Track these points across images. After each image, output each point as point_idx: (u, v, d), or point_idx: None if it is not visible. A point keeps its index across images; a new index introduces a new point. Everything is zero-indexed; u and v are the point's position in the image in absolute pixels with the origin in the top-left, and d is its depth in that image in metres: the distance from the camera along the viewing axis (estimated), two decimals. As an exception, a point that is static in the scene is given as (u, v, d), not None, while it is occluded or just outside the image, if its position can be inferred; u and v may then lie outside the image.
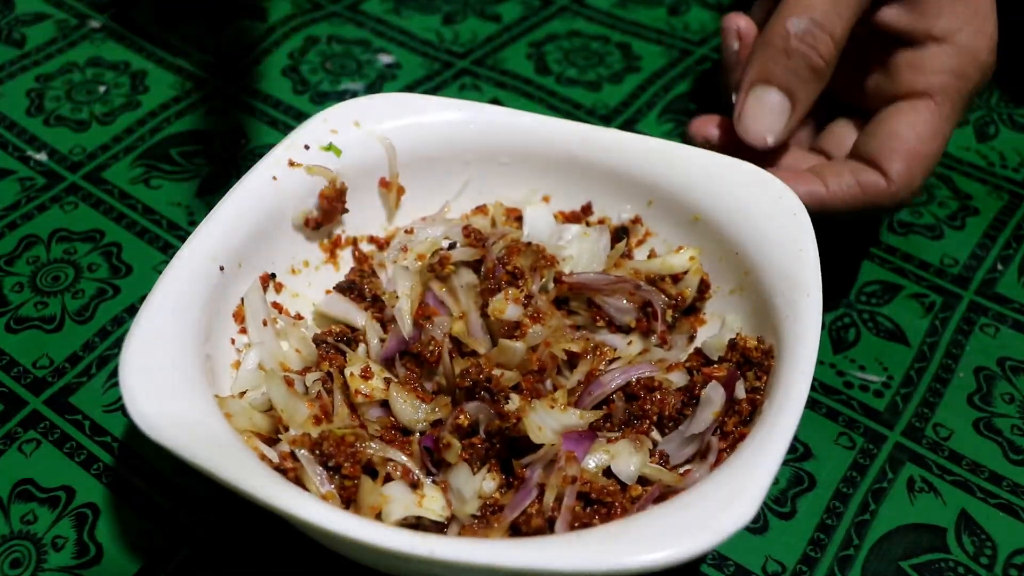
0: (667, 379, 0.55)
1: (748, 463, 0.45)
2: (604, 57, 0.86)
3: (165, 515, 0.55)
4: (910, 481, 0.57)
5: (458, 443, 0.51)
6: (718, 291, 0.60)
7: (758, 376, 0.53)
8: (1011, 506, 0.56)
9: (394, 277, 0.59)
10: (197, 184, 0.73)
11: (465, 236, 0.61)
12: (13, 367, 0.62)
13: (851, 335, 0.64)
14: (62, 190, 0.73)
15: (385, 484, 0.50)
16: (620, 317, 0.59)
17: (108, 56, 0.84)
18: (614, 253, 0.61)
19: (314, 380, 0.55)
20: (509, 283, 0.58)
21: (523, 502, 0.49)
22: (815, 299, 0.52)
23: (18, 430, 0.59)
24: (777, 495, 0.56)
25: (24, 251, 0.69)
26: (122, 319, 0.65)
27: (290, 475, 0.49)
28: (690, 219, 0.60)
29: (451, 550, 0.41)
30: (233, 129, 0.78)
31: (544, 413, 0.51)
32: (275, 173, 0.59)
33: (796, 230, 0.56)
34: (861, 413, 0.60)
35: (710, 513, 0.43)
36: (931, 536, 0.55)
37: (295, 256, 0.61)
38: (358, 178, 0.62)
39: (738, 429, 0.51)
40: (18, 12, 0.88)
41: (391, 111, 0.64)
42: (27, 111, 0.79)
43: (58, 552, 0.53)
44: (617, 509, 0.49)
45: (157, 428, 0.45)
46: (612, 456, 0.51)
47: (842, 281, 0.68)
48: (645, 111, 0.81)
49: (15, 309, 0.65)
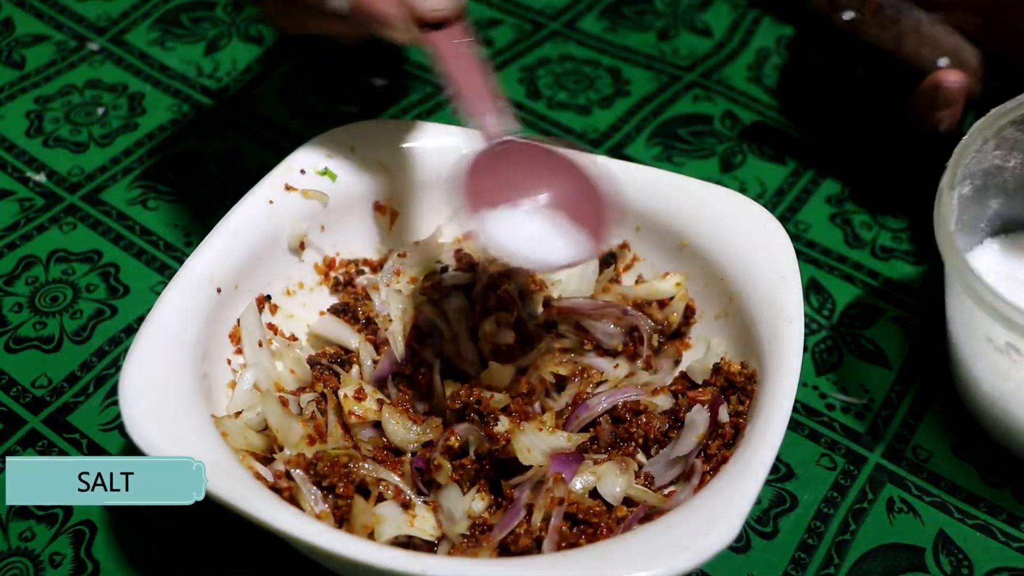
0: (653, 402, 0.56)
1: (731, 486, 0.46)
2: (594, 81, 0.87)
3: (161, 532, 0.56)
4: (890, 502, 0.58)
5: (448, 464, 0.53)
6: (703, 316, 0.61)
7: (741, 400, 0.54)
8: (988, 526, 0.57)
9: (387, 300, 0.60)
10: (194, 206, 0.75)
11: (457, 260, 0.62)
12: (12, 386, 0.63)
13: (833, 357, 0.66)
14: (61, 211, 0.74)
15: (378, 504, 0.51)
16: (607, 341, 0.60)
17: (106, 78, 0.85)
18: (602, 278, 0.63)
19: (308, 400, 0.56)
20: (499, 307, 0.59)
21: (511, 522, 0.50)
22: (797, 326, 0.53)
23: (17, 448, 0.60)
24: (759, 515, 0.58)
25: (23, 271, 0.70)
26: (119, 339, 0.66)
27: (285, 494, 0.50)
28: (677, 245, 0.62)
29: (442, 568, 0.43)
30: (229, 152, 0.79)
31: (533, 435, 0.53)
32: (271, 197, 0.61)
33: (780, 258, 0.57)
34: (842, 434, 0.62)
35: (694, 533, 0.44)
36: (910, 555, 0.56)
37: (290, 278, 0.62)
38: (353, 202, 0.64)
39: (721, 452, 0.53)
40: (18, 34, 0.89)
41: (386, 136, 0.65)
42: (26, 132, 0.80)
43: (56, 569, 0.54)
44: (603, 529, 0.50)
45: (155, 447, 0.46)
46: (598, 477, 0.53)
47: (826, 304, 0.69)
48: (634, 135, 0.82)
49: (14, 329, 0.66)
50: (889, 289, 0.70)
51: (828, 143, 0.80)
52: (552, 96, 0.86)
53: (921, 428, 0.62)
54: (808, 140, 0.81)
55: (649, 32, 0.93)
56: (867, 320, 0.68)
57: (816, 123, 0.82)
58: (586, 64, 0.89)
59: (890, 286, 0.70)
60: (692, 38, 0.92)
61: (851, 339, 0.67)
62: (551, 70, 0.88)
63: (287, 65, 0.87)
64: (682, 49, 0.91)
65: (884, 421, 0.62)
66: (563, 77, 0.88)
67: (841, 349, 0.66)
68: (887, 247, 0.73)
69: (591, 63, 0.89)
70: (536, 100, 0.85)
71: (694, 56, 0.90)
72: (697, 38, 0.92)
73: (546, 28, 0.93)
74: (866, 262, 0.72)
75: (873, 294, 0.70)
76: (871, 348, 0.66)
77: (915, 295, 0.70)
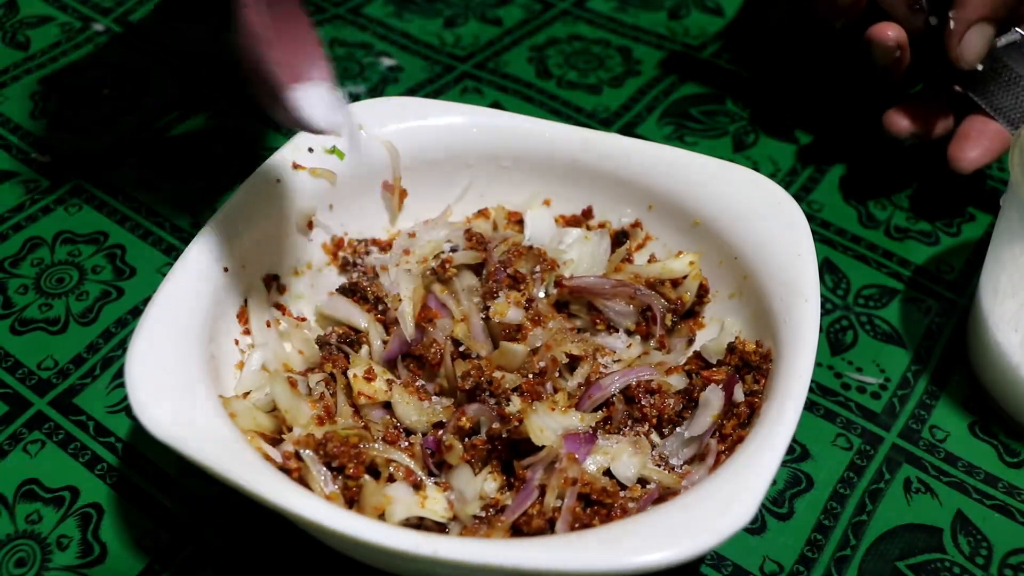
0: (666, 382, 0.56)
1: (746, 466, 0.46)
2: (604, 60, 0.86)
3: (169, 515, 0.55)
4: (907, 482, 0.58)
5: (460, 445, 0.52)
6: (717, 295, 0.60)
7: (756, 379, 0.54)
8: (1006, 507, 0.57)
9: (396, 280, 0.60)
10: (200, 186, 0.74)
11: (467, 239, 0.62)
12: (18, 368, 0.62)
13: (849, 337, 0.65)
14: (66, 192, 0.73)
15: (388, 485, 0.50)
16: (620, 321, 0.59)
17: (112, 59, 0.85)
18: (615, 257, 0.62)
19: (317, 381, 0.56)
20: (510, 286, 0.58)
21: (524, 503, 0.49)
22: (813, 304, 0.52)
23: (23, 431, 0.59)
24: (775, 496, 0.57)
25: (28, 253, 0.69)
26: (126, 321, 0.65)
27: (294, 475, 0.49)
28: (690, 224, 0.61)
29: (454, 550, 0.42)
30: (236, 132, 0.78)
31: (545, 415, 0.52)
32: (279, 176, 0.60)
33: (795, 235, 0.56)
34: (858, 415, 0.61)
35: (709, 514, 0.43)
36: (927, 536, 0.55)
37: (298, 258, 0.62)
38: (361, 181, 0.63)
39: (736, 432, 0.52)
40: (22, 15, 0.89)
41: (394, 115, 0.64)
42: (31, 113, 0.80)
43: (63, 551, 0.54)
44: (617, 510, 0.49)
45: (163, 428, 0.46)
46: (612, 458, 0.52)
47: (840, 284, 0.68)
48: (645, 115, 0.81)
49: (20, 311, 0.65)
50: (904, 269, 0.69)
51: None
52: (562, 76, 0.85)
53: (938, 408, 0.61)
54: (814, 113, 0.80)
55: (659, 11, 0.92)
56: (882, 300, 0.67)
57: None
58: (596, 44, 0.88)
59: (905, 266, 0.70)
60: (702, 17, 0.91)
61: (866, 319, 0.66)
62: (561, 49, 0.88)
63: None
64: (692, 28, 0.90)
65: (900, 401, 0.62)
66: (573, 57, 0.87)
67: (856, 329, 0.65)
68: (901, 227, 0.72)
69: (601, 43, 0.88)
70: (546, 80, 0.84)
71: (705, 35, 0.89)
72: (707, 17, 0.91)
73: (556, 7, 0.92)
74: (881, 242, 0.71)
75: (888, 274, 0.69)
76: (887, 328, 0.66)
77: (930, 276, 0.69)
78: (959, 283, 0.69)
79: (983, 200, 0.74)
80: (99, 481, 0.57)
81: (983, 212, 0.74)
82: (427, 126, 0.64)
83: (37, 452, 0.58)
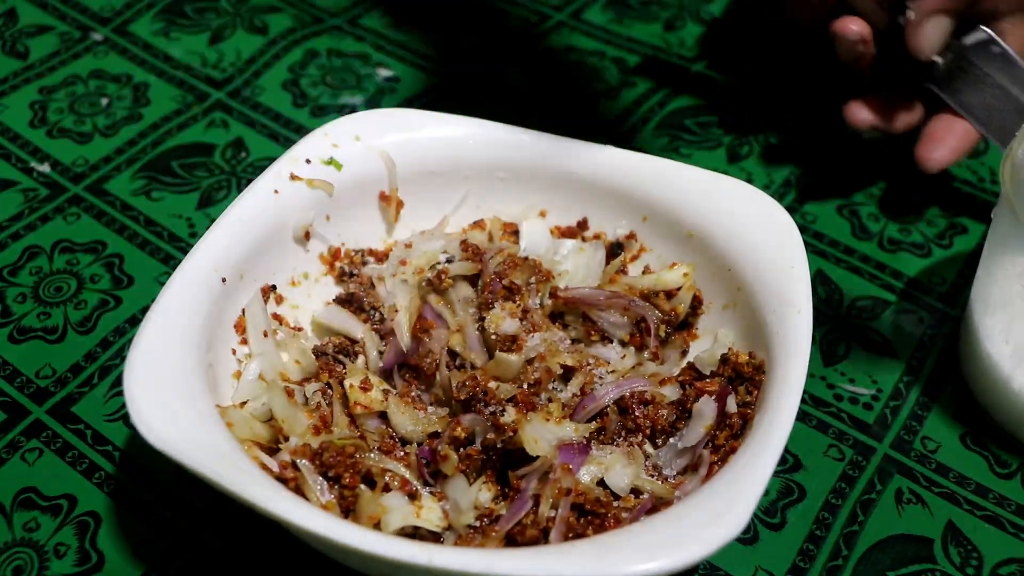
0: (660, 393, 0.56)
1: (739, 477, 0.46)
2: (600, 72, 0.87)
3: (166, 523, 0.56)
4: (898, 493, 0.58)
5: (455, 454, 0.52)
6: (711, 306, 0.61)
7: (749, 391, 0.54)
8: (997, 518, 0.57)
9: (393, 290, 0.60)
10: (198, 196, 0.74)
11: (463, 250, 0.62)
12: (16, 377, 0.63)
13: (841, 348, 0.66)
14: (65, 201, 0.74)
15: (384, 494, 0.51)
16: (614, 332, 0.60)
17: (110, 68, 0.85)
18: (609, 269, 0.62)
19: (314, 391, 0.56)
20: (506, 297, 0.59)
21: (518, 513, 0.50)
22: (805, 316, 0.53)
23: (21, 439, 0.59)
24: (767, 506, 0.57)
25: (27, 262, 0.69)
26: (124, 330, 0.65)
27: (291, 484, 0.50)
28: (684, 235, 0.61)
29: (449, 559, 0.42)
30: (234, 142, 0.79)
31: (540, 426, 0.52)
32: (276, 186, 0.60)
33: (788, 247, 0.57)
34: (850, 425, 0.61)
35: (701, 525, 0.44)
36: (918, 547, 0.56)
37: (295, 268, 0.62)
38: (358, 192, 0.63)
39: (729, 443, 0.52)
40: (21, 24, 0.89)
41: (392, 125, 0.65)
42: (30, 123, 0.80)
43: (60, 559, 0.54)
44: (610, 520, 0.50)
45: (160, 437, 0.46)
46: (606, 468, 0.52)
47: (833, 296, 0.69)
48: (640, 126, 0.82)
49: (18, 320, 0.66)
50: (896, 281, 0.70)
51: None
52: (560, 87, 0.85)
53: (929, 419, 0.62)
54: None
55: (655, 23, 0.92)
56: (875, 312, 0.68)
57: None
58: (591, 55, 0.89)
59: (897, 278, 0.70)
60: (697, 28, 0.92)
61: (859, 330, 0.67)
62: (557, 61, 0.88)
63: (291, 55, 0.87)
64: (688, 40, 0.90)
65: (892, 412, 0.62)
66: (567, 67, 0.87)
67: (849, 340, 0.66)
68: (895, 239, 0.73)
69: (596, 54, 0.89)
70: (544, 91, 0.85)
71: (700, 46, 0.89)
72: (702, 28, 0.92)
73: (552, 19, 0.93)
74: (874, 254, 0.72)
75: (881, 286, 0.70)
76: (879, 339, 0.66)
77: (922, 287, 0.69)
78: (951, 295, 0.69)
79: (975, 212, 0.75)
80: (97, 489, 0.57)
81: (975, 224, 0.74)
82: (424, 137, 0.65)
83: (35, 460, 0.58)
